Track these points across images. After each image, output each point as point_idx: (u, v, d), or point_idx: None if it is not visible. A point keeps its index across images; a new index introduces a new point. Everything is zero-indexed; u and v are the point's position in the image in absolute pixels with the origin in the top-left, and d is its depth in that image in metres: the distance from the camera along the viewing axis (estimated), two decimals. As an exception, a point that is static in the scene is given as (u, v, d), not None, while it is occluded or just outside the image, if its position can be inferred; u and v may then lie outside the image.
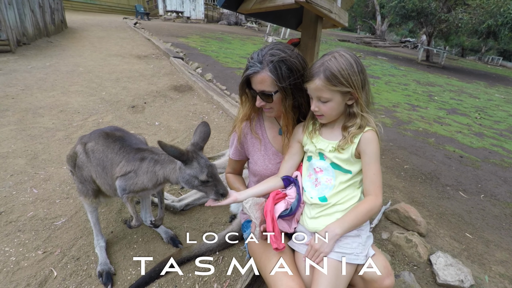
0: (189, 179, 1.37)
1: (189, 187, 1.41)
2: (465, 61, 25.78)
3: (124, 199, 1.58)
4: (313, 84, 1.18)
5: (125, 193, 1.55)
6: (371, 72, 10.81)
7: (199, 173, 1.34)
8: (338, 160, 1.23)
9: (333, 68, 1.15)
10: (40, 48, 7.43)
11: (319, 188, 1.27)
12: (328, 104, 1.20)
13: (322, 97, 1.19)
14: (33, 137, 3.20)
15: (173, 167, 1.44)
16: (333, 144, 1.24)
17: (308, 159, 1.35)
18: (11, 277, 1.62)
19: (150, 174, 1.50)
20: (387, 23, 26.69)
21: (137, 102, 4.54)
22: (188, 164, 1.35)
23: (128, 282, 1.66)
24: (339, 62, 1.15)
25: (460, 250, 2.31)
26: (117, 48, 8.65)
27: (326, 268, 1.13)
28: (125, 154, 1.58)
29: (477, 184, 3.45)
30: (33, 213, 2.12)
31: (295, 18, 2.44)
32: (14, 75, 5.14)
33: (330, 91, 1.17)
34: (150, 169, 1.50)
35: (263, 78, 1.26)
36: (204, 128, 1.48)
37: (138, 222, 1.65)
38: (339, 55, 1.17)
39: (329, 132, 1.30)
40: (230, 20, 23.70)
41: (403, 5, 16.13)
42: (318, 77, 1.17)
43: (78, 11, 20.15)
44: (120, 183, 1.55)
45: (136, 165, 1.53)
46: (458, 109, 7.28)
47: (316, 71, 1.18)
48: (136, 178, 1.52)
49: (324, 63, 1.17)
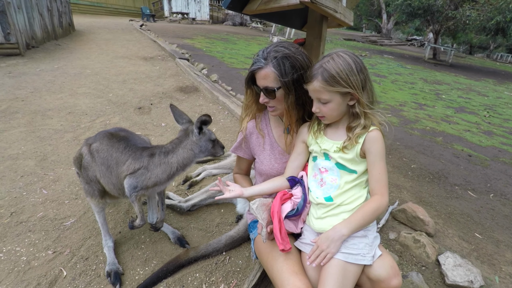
0: (205, 144, 1.61)
1: (204, 153, 1.64)
2: (473, 58, 25.41)
3: (133, 198, 1.60)
4: (312, 85, 1.20)
5: (135, 191, 1.58)
6: (377, 71, 10.73)
7: (211, 135, 1.62)
8: (343, 160, 1.23)
9: (330, 70, 1.15)
10: (49, 51, 7.55)
11: (324, 188, 1.27)
12: (328, 105, 1.20)
13: (321, 98, 1.20)
14: (42, 138, 3.25)
15: (185, 146, 1.59)
16: (338, 145, 1.24)
17: (313, 159, 1.35)
18: (22, 277, 1.65)
19: (164, 165, 1.57)
20: (393, 21, 26.48)
21: (143, 104, 4.58)
22: (201, 133, 1.58)
23: (136, 282, 1.67)
24: (337, 63, 1.15)
25: (469, 251, 2.28)
26: (124, 50, 8.73)
27: (333, 268, 1.13)
28: (131, 153, 1.61)
29: (486, 184, 3.40)
30: (43, 213, 2.16)
31: (300, 18, 2.43)
32: (23, 77, 5.23)
33: (329, 92, 1.17)
34: (163, 160, 1.58)
35: (267, 74, 1.28)
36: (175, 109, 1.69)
37: (142, 222, 1.68)
38: (337, 56, 1.17)
39: (333, 132, 1.30)
40: (235, 21, 23.76)
41: (409, 3, 15.98)
42: (316, 79, 1.17)
43: (85, 13, 20.40)
44: (130, 181, 1.57)
45: (145, 161, 1.57)
46: (466, 107, 7.18)
47: (315, 72, 1.18)
48: (148, 173, 1.57)
49: (322, 64, 1.18)
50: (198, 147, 1.60)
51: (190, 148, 1.60)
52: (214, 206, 2.39)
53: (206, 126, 1.58)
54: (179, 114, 1.69)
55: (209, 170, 2.82)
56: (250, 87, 1.42)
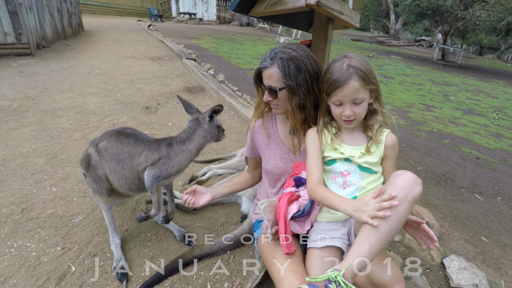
0: (213, 131, 1.75)
1: (212, 139, 1.77)
2: (483, 59, 25.03)
3: (154, 189, 1.67)
4: (348, 87, 1.15)
5: (157, 181, 1.66)
6: (384, 71, 10.66)
7: (218, 121, 1.76)
8: (368, 164, 1.24)
9: (361, 68, 1.16)
10: (58, 51, 7.68)
11: (347, 190, 1.26)
12: (362, 105, 1.20)
13: (358, 98, 1.17)
14: (52, 137, 3.32)
15: (199, 134, 1.72)
16: (361, 150, 1.25)
17: (328, 163, 1.31)
18: (32, 272, 1.70)
19: (184, 153, 1.70)
20: (401, 22, 26.21)
21: (150, 103, 4.64)
22: (211, 120, 1.72)
23: (142, 279, 1.71)
24: (361, 61, 1.18)
25: (475, 254, 2.26)
26: (131, 50, 8.83)
27: None
28: (145, 145, 1.70)
29: (493, 187, 3.37)
30: (53, 210, 2.21)
31: (306, 20, 2.44)
32: (34, 77, 5.33)
33: (365, 90, 1.18)
34: (182, 148, 1.70)
35: (271, 74, 1.31)
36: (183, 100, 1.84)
37: (158, 211, 1.76)
38: (354, 56, 1.20)
39: (349, 137, 1.30)
40: (242, 21, 23.79)
41: (417, 3, 15.80)
42: (353, 79, 1.15)
43: (95, 14, 20.66)
44: (152, 171, 1.65)
45: (165, 151, 1.68)
46: (475, 109, 7.09)
47: (346, 74, 1.15)
48: (170, 161, 1.67)
49: (349, 66, 1.16)
50: (209, 133, 1.74)
51: (203, 135, 1.73)
52: (219, 206, 2.42)
53: (216, 115, 1.72)
54: (187, 104, 1.82)
55: (214, 170, 2.84)
56: (260, 86, 1.45)
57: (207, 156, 3.17)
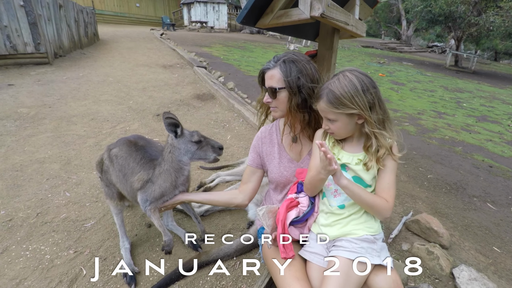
0: (185, 147, 1.57)
1: (188, 156, 1.59)
2: (498, 65, 24.48)
3: (148, 213, 1.65)
4: (319, 105, 1.24)
5: (148, 204, 1.63)
6: (395, 78, 10.56)
7: (192, 136, 1.57)
8: (363, 173, 1.26)
9: (335, 91, 1.17)
10: (75, 59, 7.95)
11: (338, 198, 1.30)
12: (335, 124, 1.23)
13: (328, 117, 1.24)
14: (67, 143, 3.43)
15: (173, 152, 1.58)
16: (358, 156, 1.27)
17: None
18: (46, 274, 1.76)
19: (163, 174, 1.60)
20: (413, 28, 26.01)
21: (162, 111, 4.74)
22: (180, 136, 1.56)
23: (150, 283, 1.74)
24: (342, 84, 1.17)
25: (486, 264, 2.21)
26: (144, 58, 9.06)
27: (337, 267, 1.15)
28: (144, 164, 1.68)
29: (507, 196, 3.28)
30: (66, 215, 2.29)
31: (312, 30, 2.48)
32: (51, 85, 5.54)
33: (334, 113, 1.20)
34: (162, 169, 1.60)
35: (273, 74, 1.39)
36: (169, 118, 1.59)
37: (168, 237, 1.67)
38: (343, 77, 1.19)
39: (349, 145, 1.32)
40: (253, 29, 24.03)
41: (429, 10, 15.66)
42: (322, 99, 1.21)
43: (109, 23, 21.34)
44: (141, 196, 1.64)
45: (150, 174, 1.64)
46: (489, 116, 6.94)
47: (321, 93, 1.22)
48: (153, 185, 1.62)
49: (328, 85, 1.21)
50: (178, 150, 1.57)
51: (170, 151, 1.58)
52: (227, 212, 2.45)
53: (177, 127, 1.54)
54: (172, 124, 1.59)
55: (222, 176, 2.88)
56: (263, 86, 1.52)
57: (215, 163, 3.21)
